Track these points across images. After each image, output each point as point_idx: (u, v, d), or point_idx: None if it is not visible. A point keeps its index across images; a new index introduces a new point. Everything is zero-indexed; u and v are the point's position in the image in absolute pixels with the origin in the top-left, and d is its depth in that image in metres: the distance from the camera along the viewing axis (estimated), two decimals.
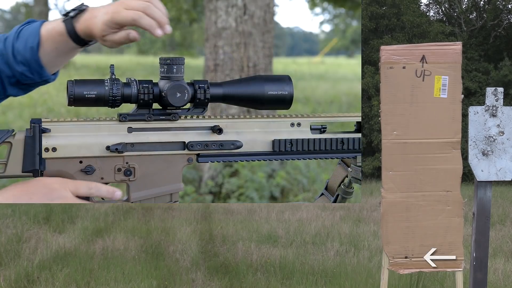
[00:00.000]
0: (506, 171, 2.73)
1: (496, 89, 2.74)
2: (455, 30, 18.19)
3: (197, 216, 8.31)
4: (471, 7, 18.61)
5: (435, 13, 19.66)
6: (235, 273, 5.10)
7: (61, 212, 7.93)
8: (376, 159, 15.34)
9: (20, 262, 5.31)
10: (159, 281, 4.83)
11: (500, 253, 6.26)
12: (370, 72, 16.30)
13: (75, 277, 4.84)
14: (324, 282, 4.90)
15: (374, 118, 15.51)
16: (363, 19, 16.82)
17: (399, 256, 2.65)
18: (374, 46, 16.48)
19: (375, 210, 8.94)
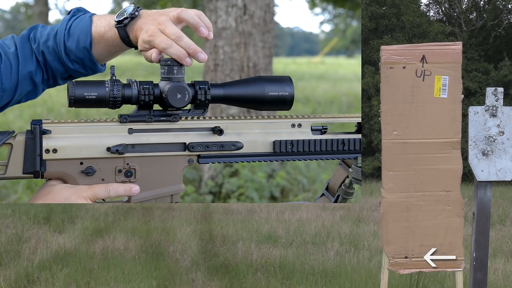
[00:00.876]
0: (506, 171, 2.73)
1: (496, 89, 2.74)
2: (455, 30, 18.19)
3: (197, 216, 8.31)
4: (471, 7, 18.61)
5: (435, 13, 19.66)
6: (235, 273, 5.10)
7: (61, 212, 7.93)
8: (376, 159, 15.33)
9: (20, 262, 5.31)
10: (159, 281, 4.83)
11: (500, 253, 6.26)
12: (370, 72, 16.30)
13: (75, 277, 4.84)
14: (324, 282, 4.90)
15: (374, 118, 15.51)
16: (363, 19, 16.81)
17: (399, 256, 2.65)
18: (374, 46, 16.48)
19: (375, 210, 8.94)
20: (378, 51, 2.61)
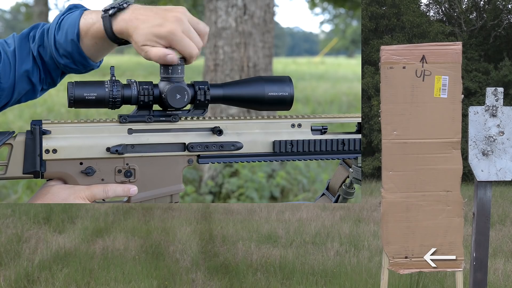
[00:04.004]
0: (506, 171, 2.73)
1: (496, 89, 2.74)
2: (455, 30, 18.19)
3: (197, 216, 8.31)
4: (471, 7, 18.61)
5: (435, 13, 19.65)
6: (235, 273, 5.10)
7: (61, 212, 7.93)
8: (376, 159, 15.33)
9: (20, 262, 5.31)
10: (159, 281, 4.83)
11: (500, 253, 6.26)
12: (370, 72, 16.30)
13: (75, 277, 4.84)
14: (324, 282, 4.90)
15: (374, 118, 15.51)
16: (363, 19, 16.82)
17: (399, 256, 2.65)
18: (374, 46, 16.48)
19: (375, 210, 8.94)
20: (378, 51, 2.62)
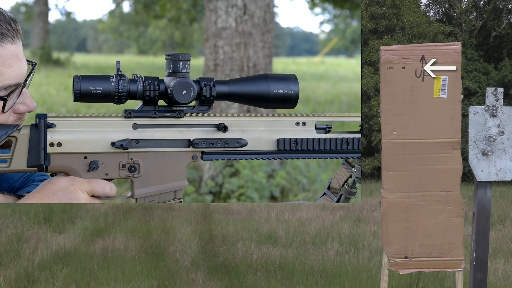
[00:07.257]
0: (506, 171, 2.73)
1: (496, 89, 2.74)
2: (455, 30, 18.18)
3: (197, 216, 8.30)
4: (471, 7, 18.60)
5: (435, 13, 19.64)
6: (235, 273, 5.10)
7: (61, 212, 7.93)
8: (376, 159, 15.33)
9: (20, 262, 5.31)
10: (159, 281, 4.83)
11: (500, 253, 6.26)
12: (370, 73, 16.29)
13: (75, 277, 4.84)
14: (324, 282, 4.90)
15: (374, 118, 15.51)
16: (363, 19, 16.81)
17: (399, 256, 2.65)
18: (374, 46, 16.47)
19: (375, 210, 8.94)
20: (378, 51, 2.62)
